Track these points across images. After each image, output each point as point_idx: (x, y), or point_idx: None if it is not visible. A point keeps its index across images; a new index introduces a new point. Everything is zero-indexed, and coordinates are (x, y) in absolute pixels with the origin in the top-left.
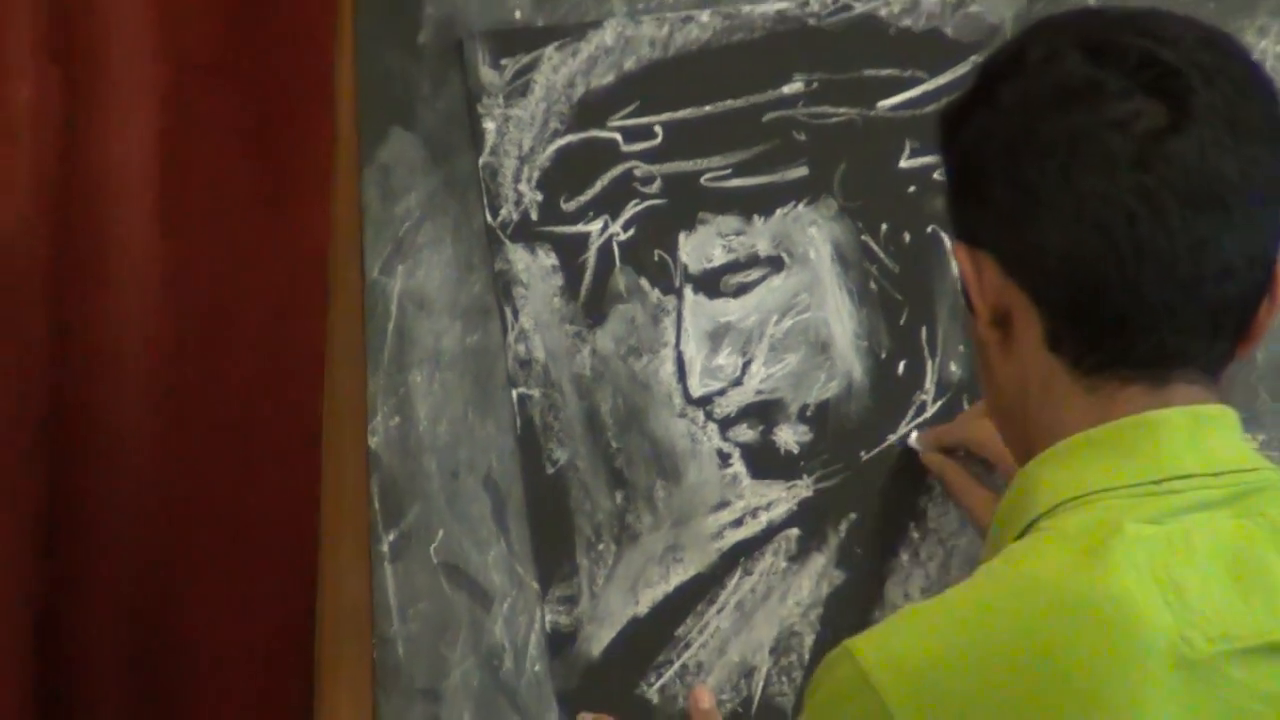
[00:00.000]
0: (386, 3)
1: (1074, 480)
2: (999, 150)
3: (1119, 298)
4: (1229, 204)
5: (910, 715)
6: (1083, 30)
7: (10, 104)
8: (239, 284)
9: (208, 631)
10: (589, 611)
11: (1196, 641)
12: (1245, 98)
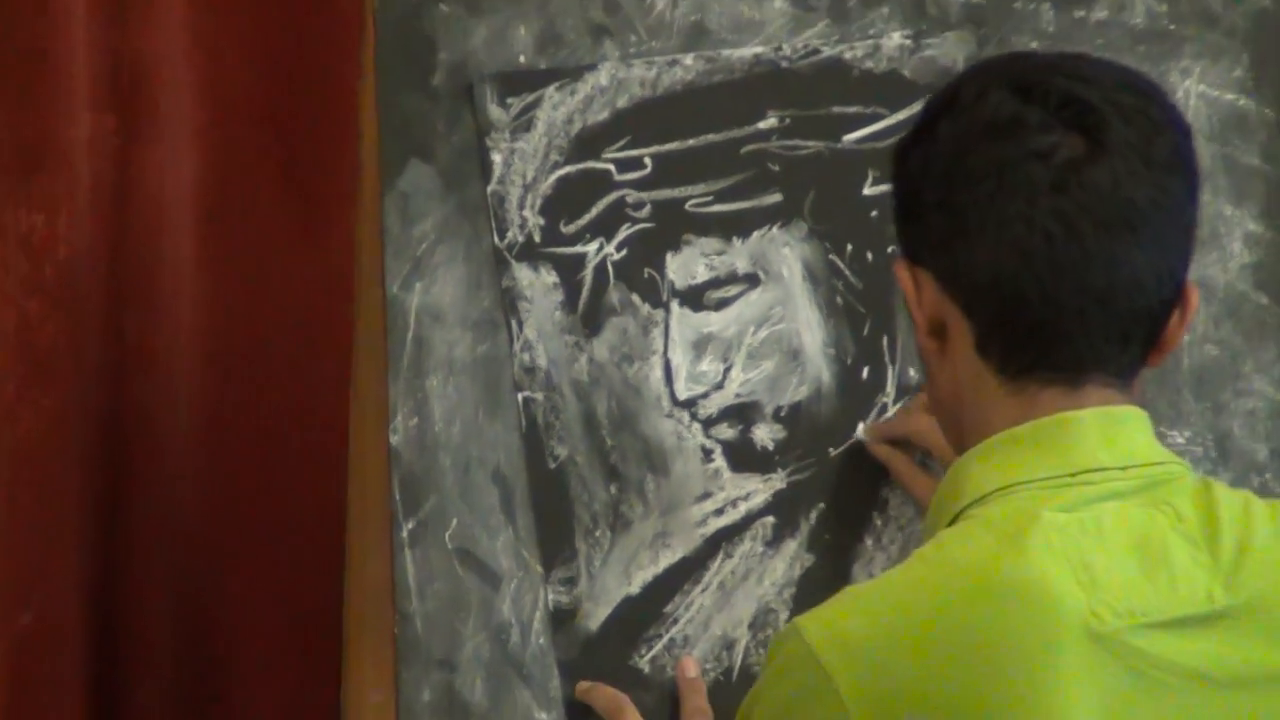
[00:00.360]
0: (404, 49)
1: (998, 473)
2: (936, 179)
3: (1039, 310)
4: (1139, 227)
5: (849, 683)
6: (1011, 72)
7: (72, 144)
8: (274, 298)
9: (248, 609)
10: (587, 591)
11: (1105, 616)
12: (1158, 134)
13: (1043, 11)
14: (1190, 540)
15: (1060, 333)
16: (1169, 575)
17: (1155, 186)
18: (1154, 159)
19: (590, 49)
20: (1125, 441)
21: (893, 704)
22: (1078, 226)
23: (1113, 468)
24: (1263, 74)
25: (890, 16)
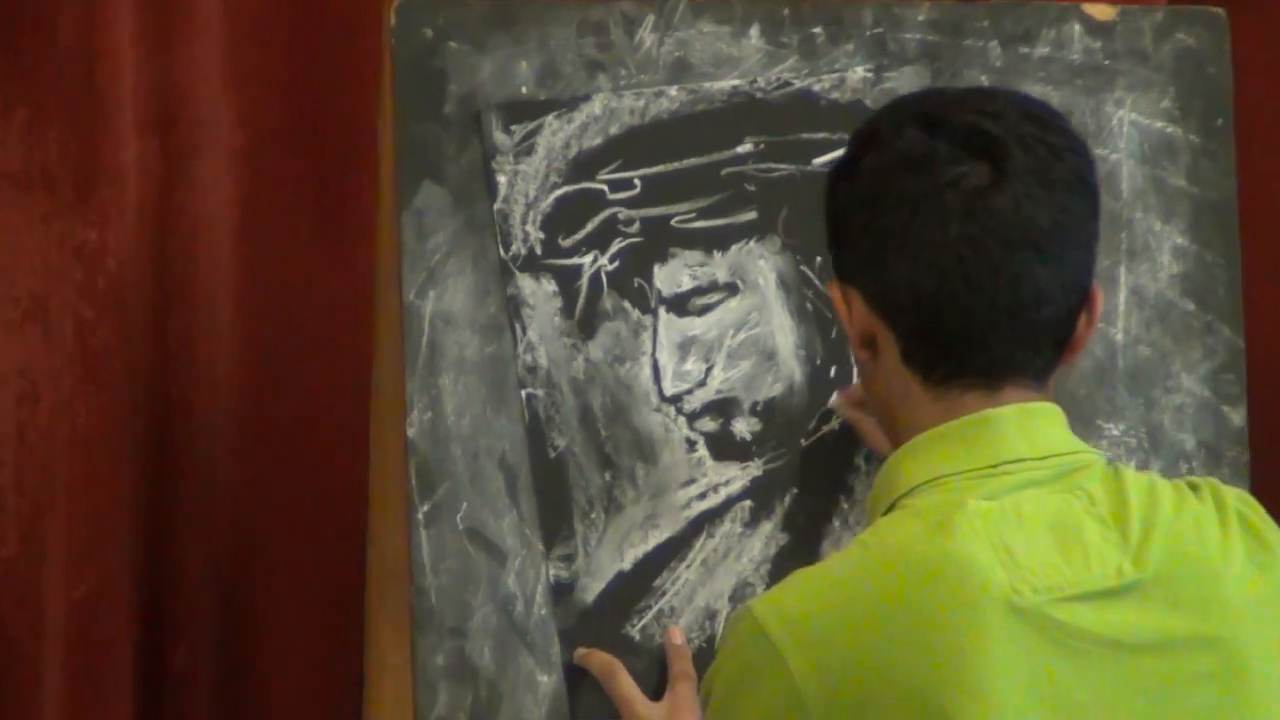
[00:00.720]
0: (418, 82)
1: (927, 467)
2: (860, 208)
3: (955, 324)
4: (1042, 245)
5: (797, 658)
6: (922, 110)
7: (121, 167)
8: (302, 305)
9: (279, 582)
10: (584, 567)
11: (1025, 593)
12: (1058, 159)
13: (990, 49)
14: (1101, 521)
15: (977, 344)
16: (1083, 554)
17: (1056, 207)
18: (1054, 182)
19: (585, 82)
20: (1042, 434)
21: (837, 676)
22: (986, 248)
23: (1031, 458)
24: (1188, 104)
25: (854, 53)
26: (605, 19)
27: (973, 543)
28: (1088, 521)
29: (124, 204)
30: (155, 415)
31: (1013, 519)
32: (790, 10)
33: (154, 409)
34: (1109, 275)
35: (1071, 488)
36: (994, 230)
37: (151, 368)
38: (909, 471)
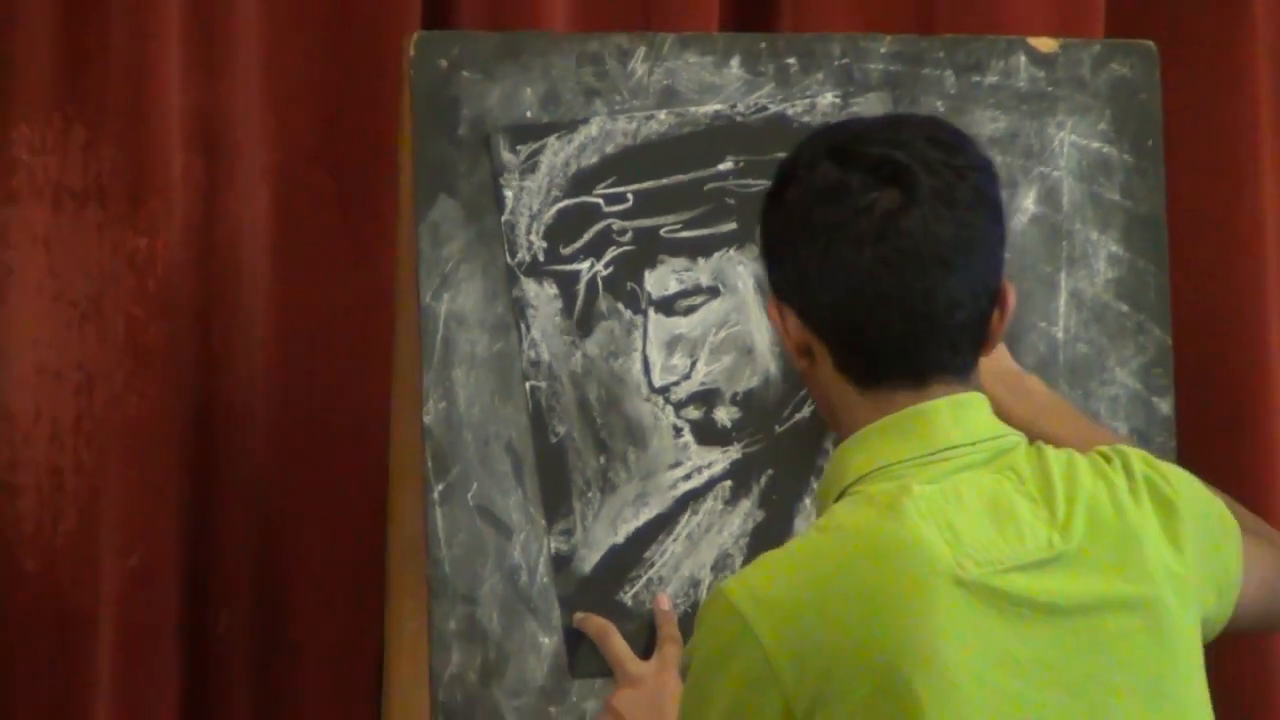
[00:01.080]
0: (434, 107)
1: (872, 458)
2: (785, 236)
3: (878, 335)
4: (949, 259)
5: (767, 631)
6: (834, 144)
7: (169, 182)
8: (330, 307)
9: (309, 555)
10: (582, 540)
11: (968, 566)
12: (961, 179)
13: (946, 77)
14: (1031, 498)
15: (900, 351)
16: (1016, 529)
17: (960, 224)
18: (957, 201)
19: (584, 107)
20: (971, 422)
21: (804, 647)
22: (899, 266)
23: (963, 444)
24: (1122, 127)
25: (824, 81)
26: (601, 51)
27: (919, 523)
28: (1019, 499)
29: (171, 215)
30: (199, 405)
31: (953, 500)
32: (766, 43)
33: (198, 399)
34: (1051, 280)
35: (1002, 469)
36: (905, 250)
37: (195, 362)
38: (856, 462)
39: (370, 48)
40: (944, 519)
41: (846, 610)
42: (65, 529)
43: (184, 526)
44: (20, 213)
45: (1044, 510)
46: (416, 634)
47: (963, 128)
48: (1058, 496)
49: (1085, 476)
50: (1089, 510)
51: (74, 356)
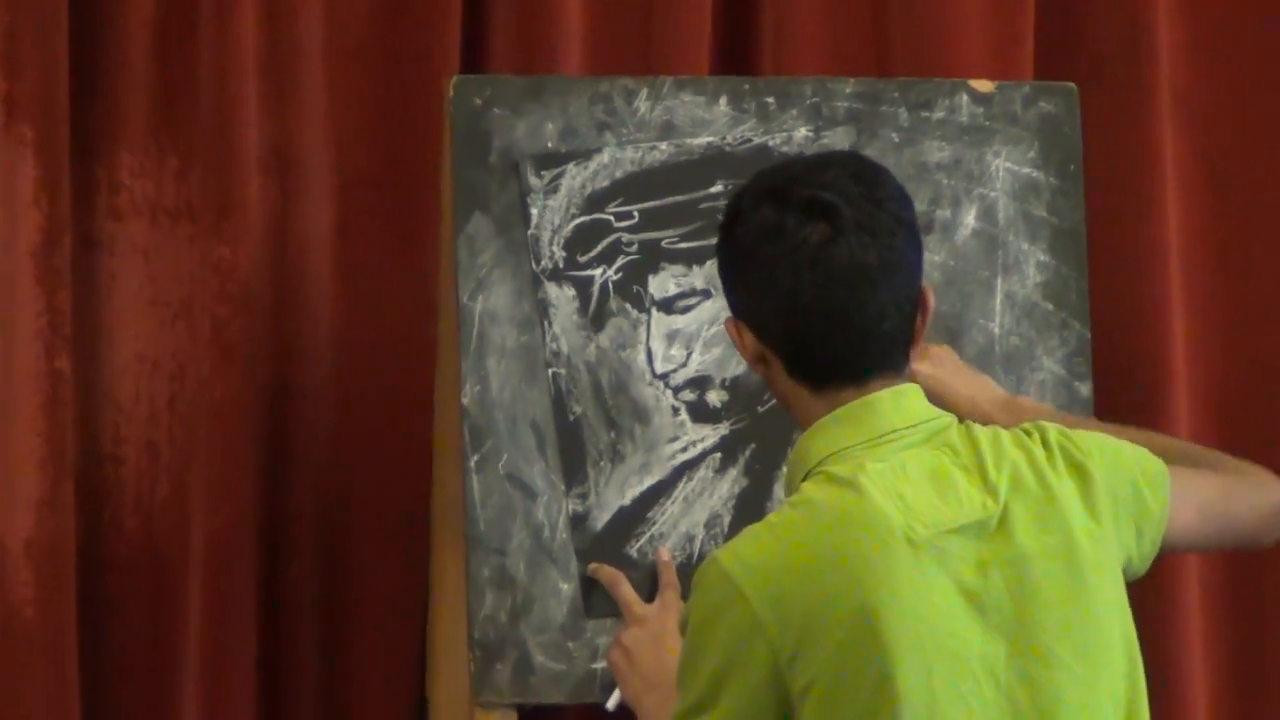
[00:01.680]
0: (470, 138)
1: (829, 444)
2: (735, 267)
3: (820, 348)
4: (875, 280)
5: (754, 592)
6: (772, 185)
7: (247, 199)
8: (383, 306)
9: (365, 517)
10: (595, 503)
11: (918, 529)
12: (880, 209)
13: (900, 114)
14: (965, 469)
15: (841, 359)
16: (955, 496)
17: (882, 248)
18: (878, 229)
19: (596, 138)
20: (909, 408)
21: (784, 603)
22: (831, 288)
23: (904, 428)
24: (1048, 155)
25: (798, 116)
26: (610, 91)
27: (875, 496)
28: (955, 470)
29: (249, 228)
30: (272, 390)
31: (900, 474)
32: (749, 85)
33: (271, 385)
34: (989, 284)
35: (939, 445)
36: (835, 274)
37: (269, 354)
38: (816, 448)
39: (416, 88)
40: (894, 491)
41: (819, 571)
42: (160, 494)
43: (259, 493)
44: (123, 228)
45: (976, 478)
46: (456, 582)
47: (913, 156)
48: (987, 466)
49: (1009, 448)
50: (1013, 476)
51: (168, 349)
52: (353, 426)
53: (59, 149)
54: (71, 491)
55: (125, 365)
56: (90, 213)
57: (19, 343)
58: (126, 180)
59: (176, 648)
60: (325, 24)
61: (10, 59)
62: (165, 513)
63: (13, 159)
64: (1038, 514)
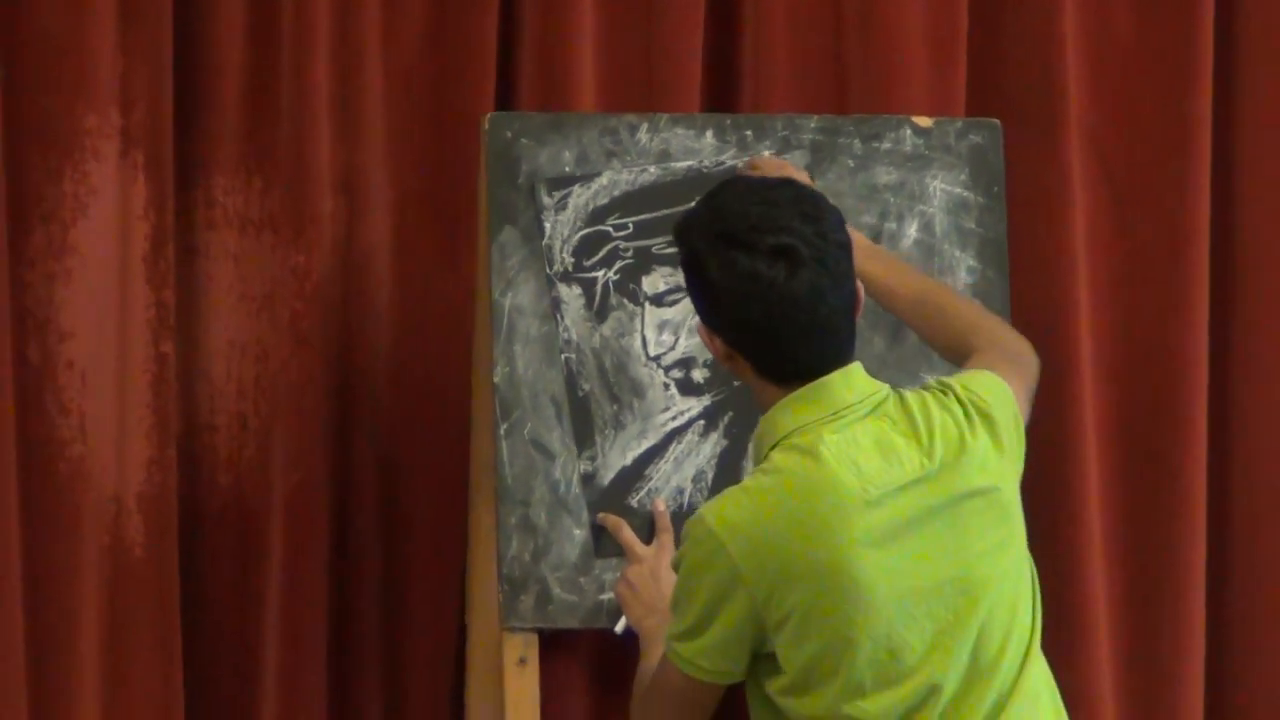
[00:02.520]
0: (501, 164)
1: (792, 420)
2: (711, 299)
3: (788, 353)
4: (827, 297)
5: (735, 547)
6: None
7: (320, 214)
8: (431, 302)
9: (416, 476)
10: (601, 463)
11: (871, 491)
12: (826, 241)
13: (854, 144)
14: (903, 435)
15: (803, 360)
16: (898, 459)
17: (831, 274)
18: (827, 259)
19: (604, 164)
20: (856, 385)
21: (760, 555)
22: (795, 310)
23: (854, 403)
24: (976, 179)
25: (769, 146)
26: (617, 126)
27: (834, 463)
28: (895, 437)
29: (322, 238)
30: (340, 371)
31: (853, 444)
32: (731, 120)
33: (339, 368)
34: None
35: (881, 415)
36: (799, 301)
37: (337, 341)
38: (781, 423)
39: (458, 123)
40: (849, 458)
41: (788, 529)
42: (247, 457)
43: (328, 456)
44: (217, 237)
45: (913, 442)
46: (489, 528)
47: (865, 179)
48: (920, 430)
49: (935, 411)
50: (942, 436)
51: (254, 336)
52: (405, 401)
53: (164, 172)
54: (174, 454)
55: (218, 350)
56: (190, 225)
57: (132, 332)
58: (220, 198)
59: (259, 584)
60: (383, 71)
61: (125, 99)
62: (251, 472)
63: (127, 181)
64: (964, 464)
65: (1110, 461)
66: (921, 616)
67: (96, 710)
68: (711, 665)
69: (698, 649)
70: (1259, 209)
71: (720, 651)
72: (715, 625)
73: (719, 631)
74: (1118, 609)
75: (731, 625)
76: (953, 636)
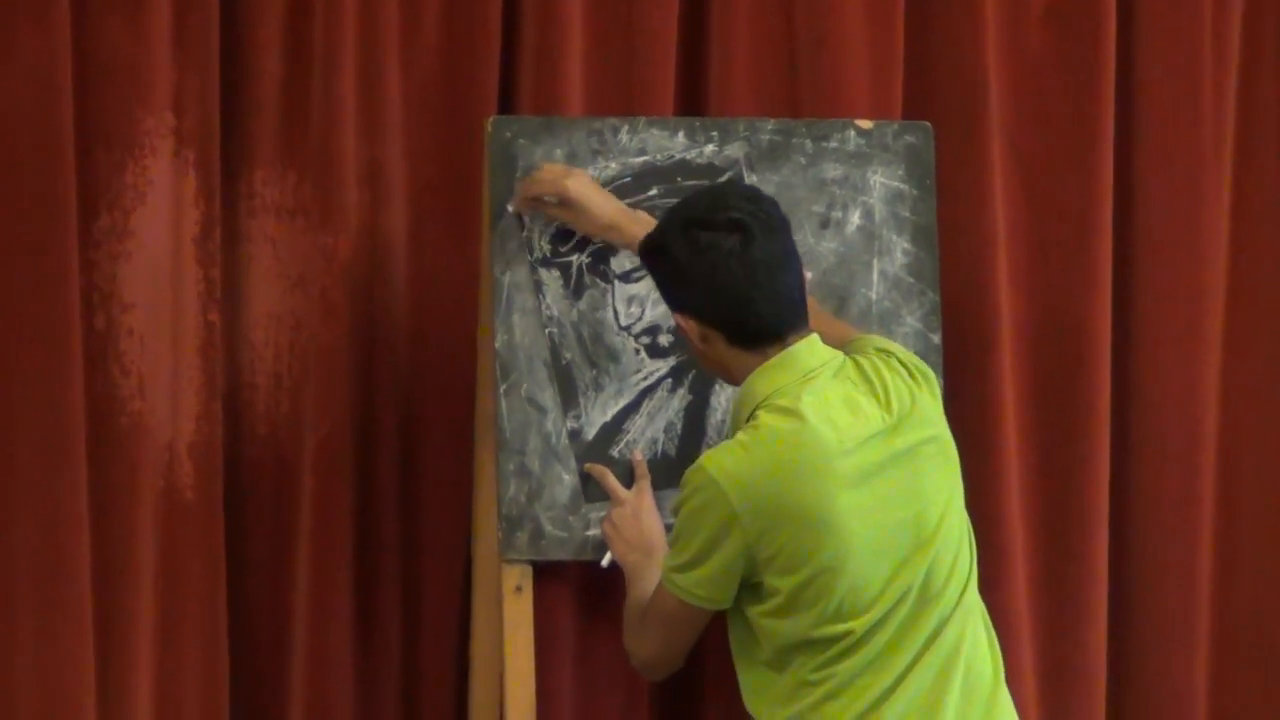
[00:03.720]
0: (502, 161)
1: (770, 384)
2: (677, 279)
3: (752, 323)
4: (780, 264)
5: (733, 492)
6: (694, 215)
7: (348, 203)
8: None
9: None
10: (586, 420)
11: (846, 443)
12: (769, 216)
13: (805, 143)
14: (863, 392)
15: (767, 328)
16: (863, 414)
17: (777, 245)
18: (773, 230)
19: (590, 162)
20: (818, 353)
21: (753, 500)
22: (754, 276)
23: (819, 367)
24: (911, 173)
25: (734, 145)
26: (602, 128)
27: (814, 420)
28: (858, 395)
29: (349, 224)
30: (364, 338)
31: (826, 403)
32: (699, 123)
33: (363, 335)
34: (868, 264)
35: (842, 378)
36: (752, 271)
37: (362, 313)
38: (760, 388)
39: (466, 125)
40: (825, 415)
41: (779, 476)
42: (282, 411)
43: (353, 411)
44: (257, 223)
45: (872, 399)
46: (490, 474)
47: (815, 174)
48: (877, 389)
49: (885, 372)
50: (895, 393)
51: (289, 308)
52: (419, 364)
53: (211, 167)
54: (220, 409)
55: (258, 320)
56: (234, 212)
57: (184, 304)
58: (259, 189)
59: (292, 519)
60: (401, 80)
61: (179, 105)
62: (286, 425)
63: (179, 174)
64: (915, 416)
65: (1026, 417)
66: (886, 551)
67: (152, 625)
68: (705, 594)
69: (694, 580)
70: (1154, 199)
71: (713, 582)
72: (711, 560)
73: (714, 565)
74: (1032, 542)
75: (726, 561)
76: (911, 566)
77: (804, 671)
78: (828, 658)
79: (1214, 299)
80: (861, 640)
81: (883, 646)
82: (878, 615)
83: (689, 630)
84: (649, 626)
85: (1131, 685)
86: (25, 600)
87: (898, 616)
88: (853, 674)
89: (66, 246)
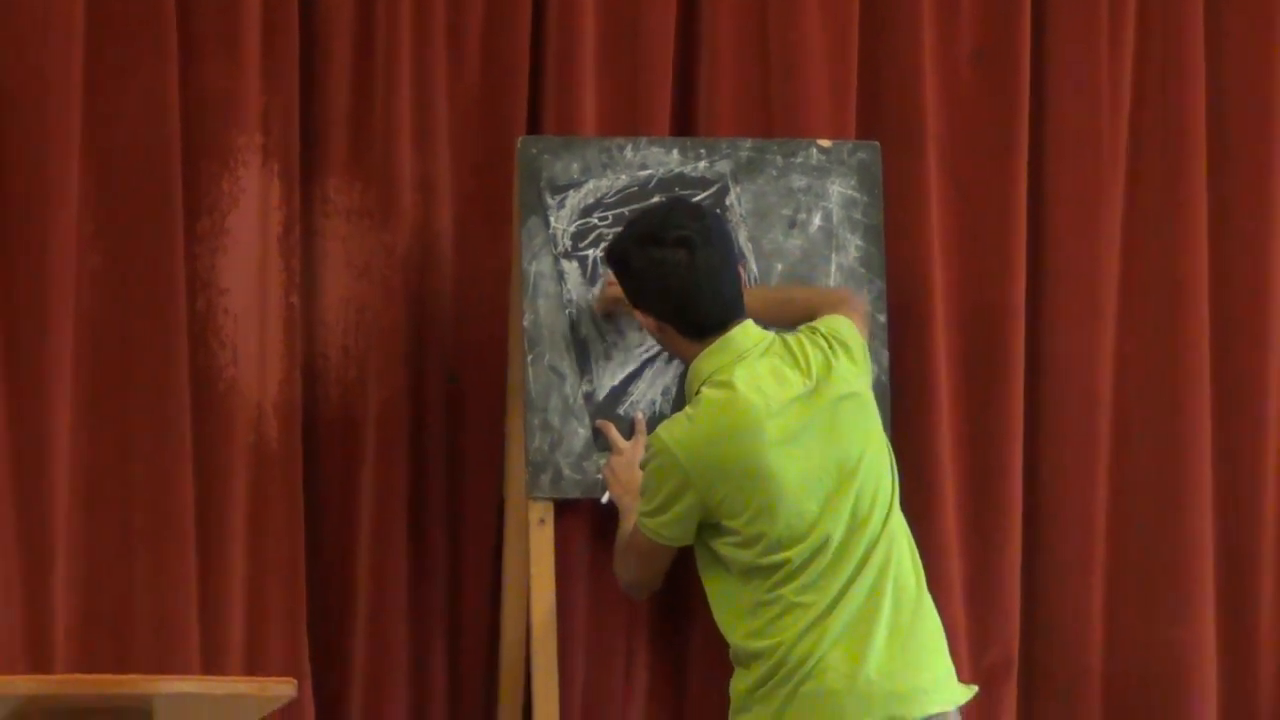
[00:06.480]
0: (529, 173)
1: (712, 365)
2: (635, 286)
3: (697, 320)
4: (720, 270)
5: (682, 454)
6: (648, 231)
7: (402, 207)
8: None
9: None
10: (598, 385)
11: (772, 405)
12: (711, 233)
13: (778, 159)
14: (789, 365)
15: (711, 321)
16: (788, 382)
17: (716, 256)
18: (712, 244)
19: (600, 174)
20: (750, 335)
21: (700, 461)
22: (699, 282)
23: (751, 347)
24: (862, 183)
25: (719, 161)
26: (611, 146)
27: (745, 390)
28: (783, 366)
29: (404, 223)
30: (417, 318)
31: (756, 375)
32: (690, 142)
33: (417, 316)
34: (827, 258)
35: (771, 354)
36: (697, 278)
37: (416, 297)
38: (702, 370)
39: (500, 142)
40: (755, 386)
41: (717, 440)
42: (350, 377)
43: (408, 377)
44: (330, 223)
45: (796, 369)
46: (519, 428)
47: (785, 184)
48: (800, 360)
49: (808, 346)
50: (815, 363)
51: (357, 294)
52: (463, 338)
53: (293, 175)
54: (299, 375)
55: (330, 303)
56: (311, 213)
57: (269, 289)
58: (332, 195)
59: (358, 468)
60: (448, 105)
61: (265, 125)
62: (353, 389)
63: (267, 182)
64: (833, 378)
65: (956, 382)
66: (816, 489)
67: (243, 554)
68: (669, 534)
69: (660, 523)
70: (1062, 203)
71: (675, 524)
72: (673, 509)
73: (675, 513)
74: (960, 483)
75: (684, 509)
76: (838, 501)
77: (759, 593)
78: (774, 580)
79: (1109, 285)
80: (801, 566)
81: (822, 569)
82: (813, 544)
83: (661, 561)
84: (630, 557)
85: (1040, 599)
86: (142, 534)
87: (833, 542)
88: (797, 593)
89: (174, 242)
